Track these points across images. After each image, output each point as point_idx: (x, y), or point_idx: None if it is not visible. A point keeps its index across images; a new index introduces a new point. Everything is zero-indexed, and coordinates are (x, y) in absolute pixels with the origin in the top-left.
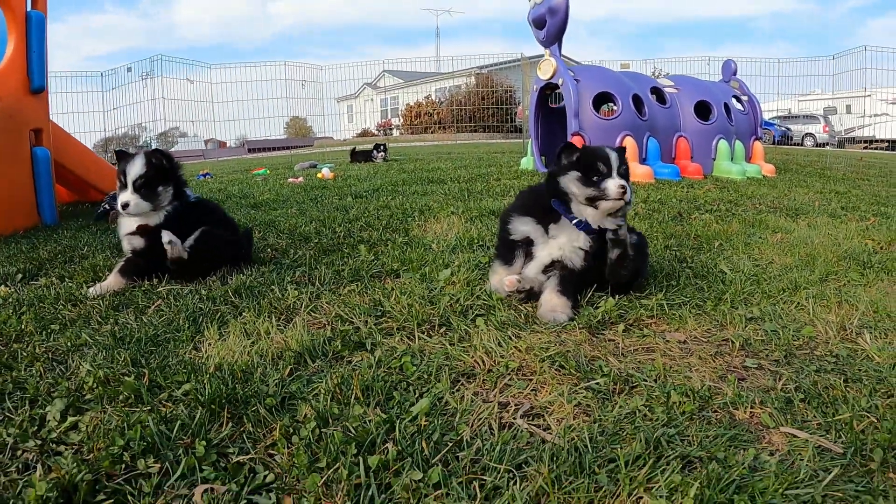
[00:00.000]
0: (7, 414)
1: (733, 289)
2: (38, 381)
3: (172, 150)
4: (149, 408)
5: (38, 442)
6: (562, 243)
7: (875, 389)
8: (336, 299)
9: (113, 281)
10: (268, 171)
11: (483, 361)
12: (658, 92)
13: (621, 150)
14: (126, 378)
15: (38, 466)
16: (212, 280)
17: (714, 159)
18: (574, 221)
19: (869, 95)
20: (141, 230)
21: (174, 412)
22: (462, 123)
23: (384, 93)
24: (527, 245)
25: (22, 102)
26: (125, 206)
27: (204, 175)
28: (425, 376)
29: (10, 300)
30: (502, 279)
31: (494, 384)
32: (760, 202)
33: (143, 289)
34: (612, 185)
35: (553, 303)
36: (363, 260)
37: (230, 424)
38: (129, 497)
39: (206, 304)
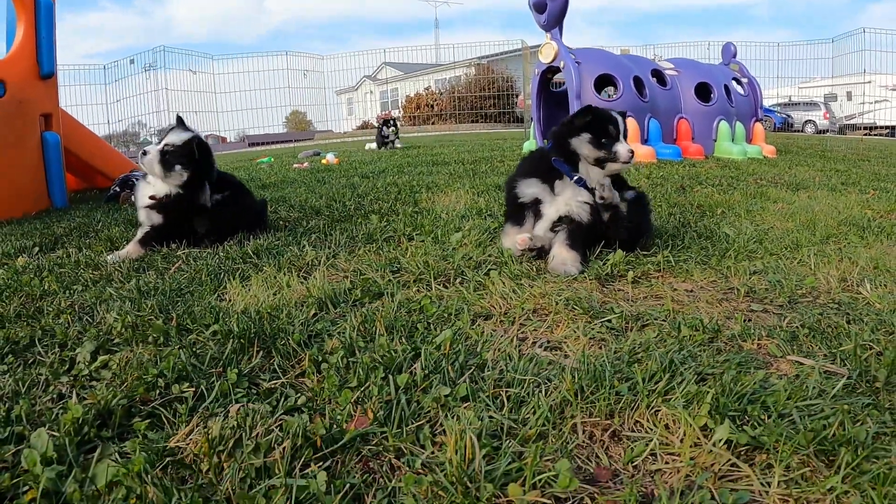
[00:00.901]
0: (38, 357)
1: (736, 246)
2: (66, 328)
3: None
4: (178, 345)
5: (71, 378)
6: (567, 199)
7: (877, 328)
8: (352, 258)
9: (132, 249)
10: (272, 160)
11: (500, 305)
12: (659, 74)
13: (623, 114)
14: (154, 322)
15: (73, 395)
16: (229, 244)
17: (715, 140)
18: (574, 179)
19: (869, 82)
20: (154, 205)
21: (204, 348)
22: (462, 114)
23: (384, 85)
24: (535, 205)
25: (32, 88)
26: (145, 153)
27: None
28: (445, 315)
29: (31, 266)
30: (514, 239)
31: (512, 322)
32: (761, 178)
33: (161, 253)
34: (622, 148)
35: (563, 256)
36: (375, 226)
37: (260, 355)
38: (165, 418)
39: (227, 262)
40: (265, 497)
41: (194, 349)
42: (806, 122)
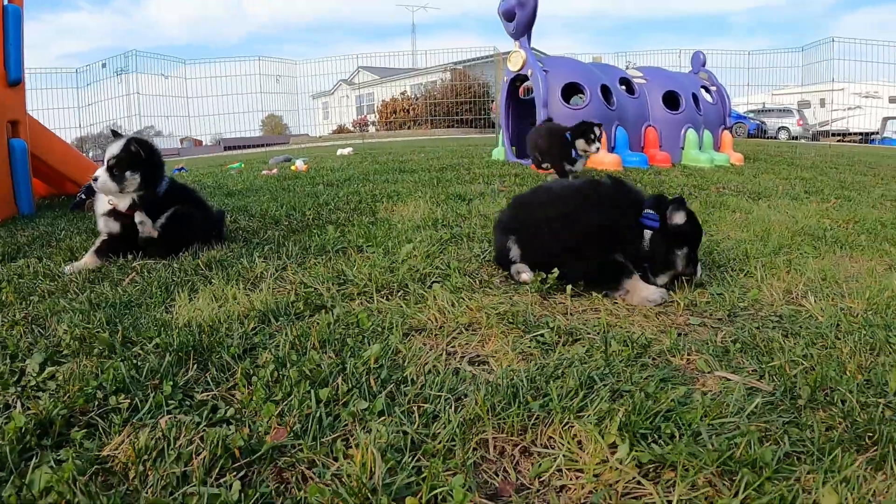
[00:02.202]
0: None
1: None
2: (17, 340)
3: None
4: (121, 358)
5: (18, 389)
6: None
7: (812, 342)
8: (301, 270)
9: (89, 260)
10: (242, 165)
11: (436, 318)
12: (627, 83)
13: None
14: (101, 334)
15: (18, 406)
16: (183, 256)
17: (682, 148)
18: None
19: (842, 89)
20: (112, 212)
21: (144, 361)
22: (438, 118)
23: (359, 89)
24: None
25: None
26: (95, 178)
27: (179, 169)
28: (380, 329)
29: None
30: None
31: (445, 336)
32: (724, 186)
33: (118, 264)
34: None
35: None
36: (330, 237)
37: (195, 367)
38: (101, 428)
39: (178, 274)
40: (181, 502)
41: (135, 362)
42: (780, 128)
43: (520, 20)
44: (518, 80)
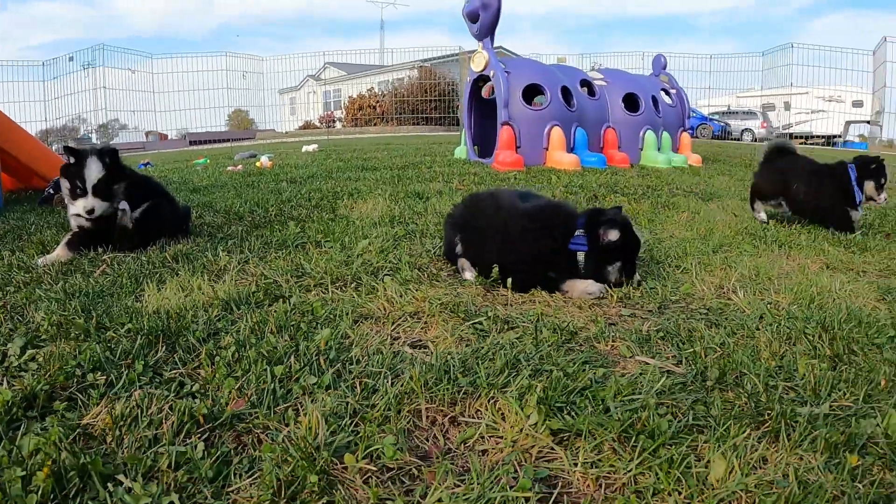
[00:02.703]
0: None
1: None
2: (7, 316)
3: (113, 142)
4: (96, 341)
5: (3, 369)
6: None
7: (733, 332)
8: (263, 263)
9: (61, 252)
10: (208, 161)
11: (384, 307)
12: (588, 84)
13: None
14: (77, 320)
15: (4, 383)
16: (152, 249)
17: (641, 149)
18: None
19: (806, 93)
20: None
21: (118, 343)
22: (405, 116)
23: (327, 85)
24: None
25: None
26: (90, 211)
27: (144, 164)
28: (332, 317)
29: None
30: None
31: (391, 324)
32: (678, 187)
33: (88, 257)
34: None
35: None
36: (291, 232)
37: (164, 349)
38: (80, 401)
39: (147, 267)
40: (152, 460)
41: (109, 344)
42: (744, 130)
43: (483, 22)
44: (481, 80)
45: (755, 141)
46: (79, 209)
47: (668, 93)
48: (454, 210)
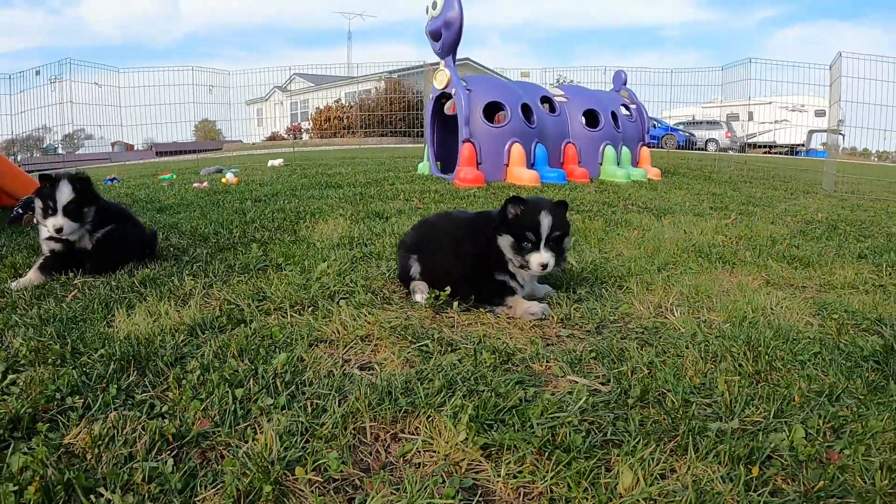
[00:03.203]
0: None
1: (567, 275)
2: None
3: (78, 152)
4: (72, 366)
5: (3, 367)
6: None
7: (663, 351)
8: (226, 287)
9: (33, 276)
10: (174, 176)
11: (338, 331)
12: (549, 101)
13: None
14: (53, 346)
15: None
16: (120, 274)
17: (601, 164)
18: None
19: (770, 103)
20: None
21: (93, 368)
22: (371, 128)
23: (294, 96)
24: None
25: None
26: (59, 230)
27: (111, 180)
28: (289, 341)
29: None
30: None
31: (343, 347)
32: (633, 203)
33: (60, 282)
34: (535, 260)
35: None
36: (253, 255)
37: (135, 373)
38: (61, 423)
39: (116, 292)
40: (129, 475)
41: (84, 369)
42: (708, 140)
43: (445, 40)
44: (444, 97)
45: (719, 151)
46: (49, 228)
47: (628, 108)
48: (406, 236)
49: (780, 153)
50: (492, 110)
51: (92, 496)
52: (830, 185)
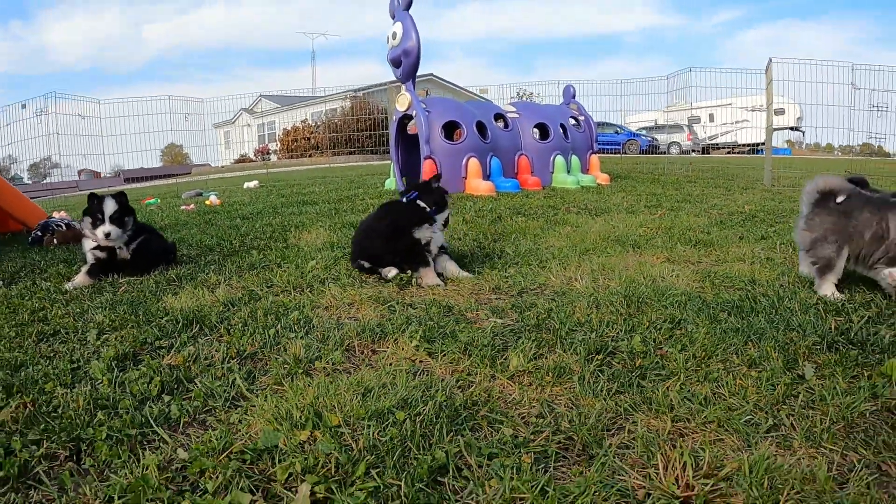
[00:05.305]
0: (61, 340)
1: (503, 260)
2: (75, 323)
3: (45, 181)
4: (150, 326)
5: (92, 347)
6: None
7: (562, 304)
8: (241, 279)
9: (82, 279)
10: (158, 201)
11: (331, 301)
12: (502, 117)
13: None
14: (129, 317)
15: (101, 349)
16: (154, 274)
17: (552, 172)
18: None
19: (730, 104)
20: (98, 246)
21: (164, 327)
22: (339, 147)
23: (261, 117)
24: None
25: None
26: (108, 234)
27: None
28: (298, 307)
29: (9, 294)
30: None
31: (335, 309)
32: (575, 205)
33: (108, 281)
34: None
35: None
36: (255, 259)
37: (197, 328)
38: (157, 355)
39: (159, 285)
40: (212, 374)
41: (158, 327)
42: (671, 143)
43: (405, 67)
44: (406, 118)
45: (684, 153)
46: (99, 235)
47: (577, 119)
48: (355, 234)
49: (743, 153)
50: (450, 128)
51: (189, 384)
52: (769, 181)
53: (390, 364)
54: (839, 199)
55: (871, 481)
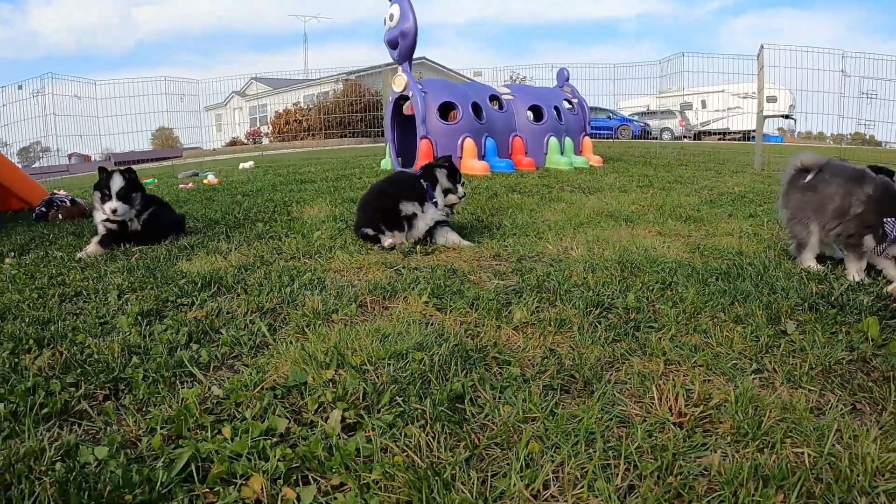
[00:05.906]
0: (84, 302)
1: (502, 232)
2: (95, 285)
3: (35, 165)
4: (170, 286)
5: (116, 292)
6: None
7: (559, 269)
8: (251, 248)
9: (94, 248)
10: (155, 181)
11: (340, 265)
12: (497, 99)
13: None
14: (148, 279)
15: (125, 305)
16: (165, 244)
17: (546, 153)
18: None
19: (722, 90)
20: (108, 218)
21: (183, 288)
22: (331, 130)
23: (252, 101)
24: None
25: None
26: (114, 211)
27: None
28: (309, 271)
29: (24, 263)
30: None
31: (345, 273)
32: (569, 185)
33: (121, 250)
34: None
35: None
36: (262, 230)
37: (215, 288)
38: (180, 311)
39: (172, 252)
40: (235, 325)
41: (178, 288)
42: (663, 129)
43: (402, 48)
44: (402, 99)
45: (676, 139)
46: (107, 210)
47: (570, 102)
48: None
49: (735, 139)
50: (446, 109)
51: (215, 334)
52: (759, 165)
53: (403, 317)
54: (807, 179)
55: (846, 412)
